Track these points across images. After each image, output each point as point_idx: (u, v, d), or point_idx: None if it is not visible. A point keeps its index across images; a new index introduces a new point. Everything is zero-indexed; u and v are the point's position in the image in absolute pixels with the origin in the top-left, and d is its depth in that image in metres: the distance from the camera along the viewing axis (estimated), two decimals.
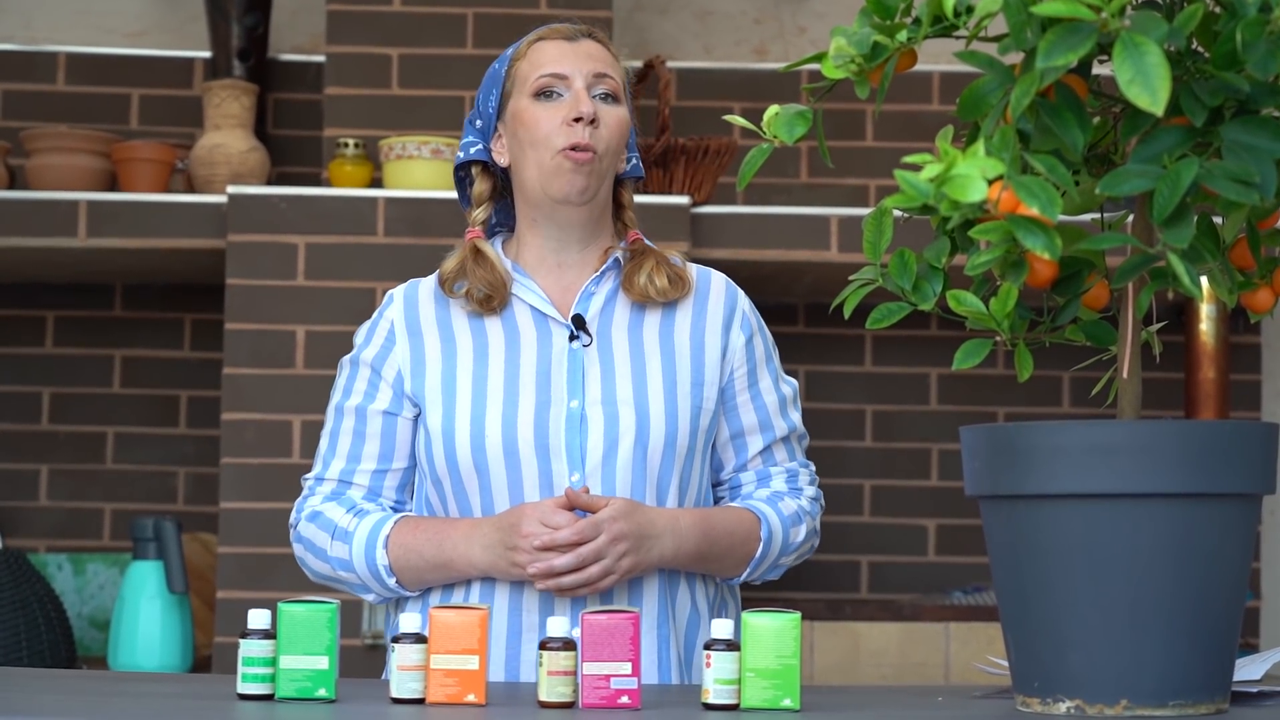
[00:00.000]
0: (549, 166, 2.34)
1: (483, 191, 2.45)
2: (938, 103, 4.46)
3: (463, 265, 2.39)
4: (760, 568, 2.39)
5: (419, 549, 2.30)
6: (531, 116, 2.36)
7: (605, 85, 2.37)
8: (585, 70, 2.36)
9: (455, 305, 2.39)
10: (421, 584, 2.33)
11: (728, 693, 1.88)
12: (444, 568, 2.30)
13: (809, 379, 4.47)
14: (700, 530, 2.31)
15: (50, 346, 4.44)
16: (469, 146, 2.44)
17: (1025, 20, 1.65)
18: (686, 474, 2.35)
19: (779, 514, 2.39)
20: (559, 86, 2.36)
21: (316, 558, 2.37)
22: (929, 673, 3.92)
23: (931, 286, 1.87)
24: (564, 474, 2.29)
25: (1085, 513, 1.76)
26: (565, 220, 2.39)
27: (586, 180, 2.34)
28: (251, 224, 3.82)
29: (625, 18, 4.54)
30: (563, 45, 2.38)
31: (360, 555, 2.32)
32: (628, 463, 2.30)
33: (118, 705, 1.94)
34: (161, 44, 4.49)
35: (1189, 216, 1.69)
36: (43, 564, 4.28)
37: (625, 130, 2.39)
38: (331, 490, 2.39)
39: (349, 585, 2.37)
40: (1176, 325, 4.24)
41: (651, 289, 2.37)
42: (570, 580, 2.21)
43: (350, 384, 2.41)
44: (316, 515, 2.37)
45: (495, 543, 2.25)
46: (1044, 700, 1.81)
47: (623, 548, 2.23)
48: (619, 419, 2.31)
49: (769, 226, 3.94)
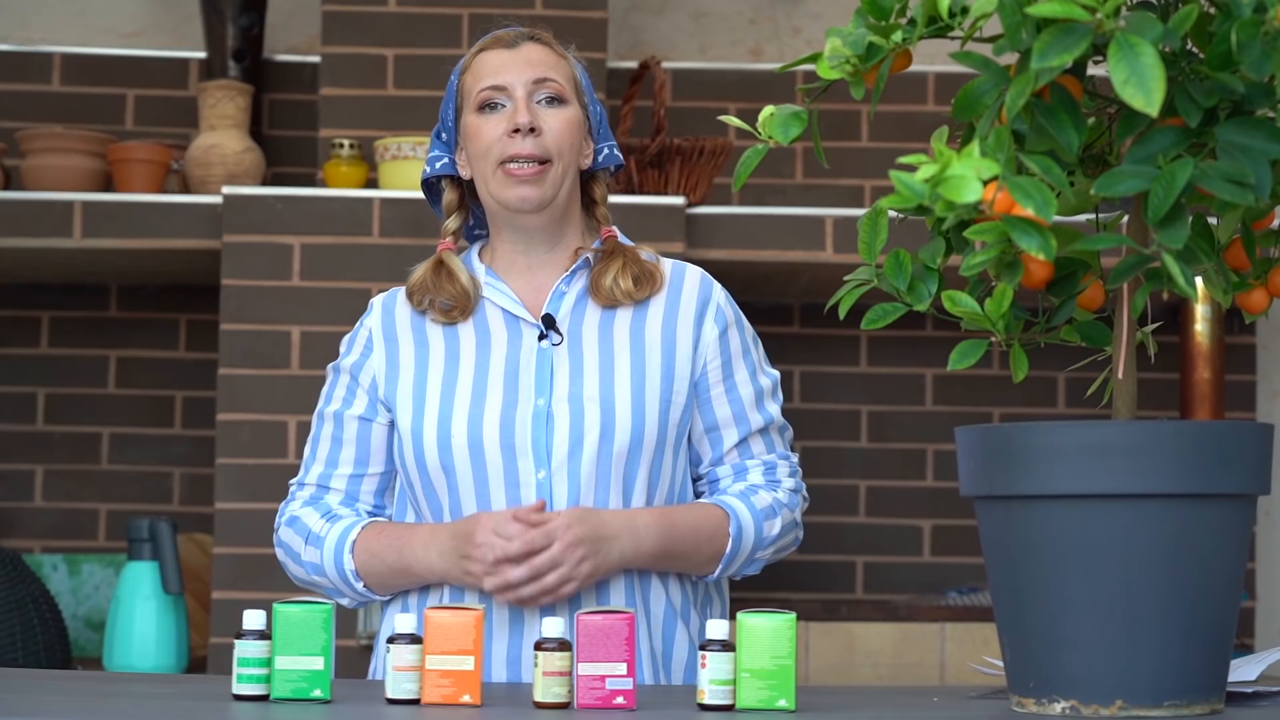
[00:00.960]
0: (494, 180, 2.36)
1: (451, 201, 2.47)
2: (933, 103, 4.46)
3: (425, 278, 2.41)
4: (734, 564, 2.38)
5: (381, 555, 2.33)
6: (475, 130, 2.38)
7: (548, 89, 2.37)
8: (525, 78, 2.37)
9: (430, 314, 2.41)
10: (388, 589, 2.36)
11: (723, 693, 1.88)
12: (405, 573, 2.32)
13: (804, 379, 4.47)
14: (660, 529, 2.30)
15: (45, 347, 4.43)
16: (435, 161, 2.46)
17: (1020, 21, 1.65)
18: (656, 470, 2.34)
19: (750, 508, 2.37)
20: (500, 98, 2.37)
21: (294, 562, 2.41)
22: (924, 673, 3.93)
23: (927, 287, 1.87)
24: (530, 472, 2.30)
25: (1080, 513, 1.76)
26: (527, 226, 2.40)
27: (536, 190, 2.35)
28: (247, 224, 3.82)
29: (620, 18, 4.54)
30: (503, 54, 2.39)
31: (330, 560, 2.35)
32: (593, 459, 2.30)
33: (113, 706, 1.94)
34: (157, 44, 4.49)
35: (1184, 217, 1.70)
36: (38, 564, 4.27)
37: (574, 128, 2.38)
38: (310, 495, 2.43)
39: (324, 590, 2.40)
40: (1171, 326, 4.25)
41: (617, 291, 2.37)
42: (529, 591, 2.22)
43: (331, 390, 2.45)
44: (294, 520, 2.41)
45: (450, 550, 2.26)
46: (1039, 700, 1.81)
47: (580, 553, 2.22)
48: (584, 415, 2.31)
49: (764, 227, 3.94)
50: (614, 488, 2.31)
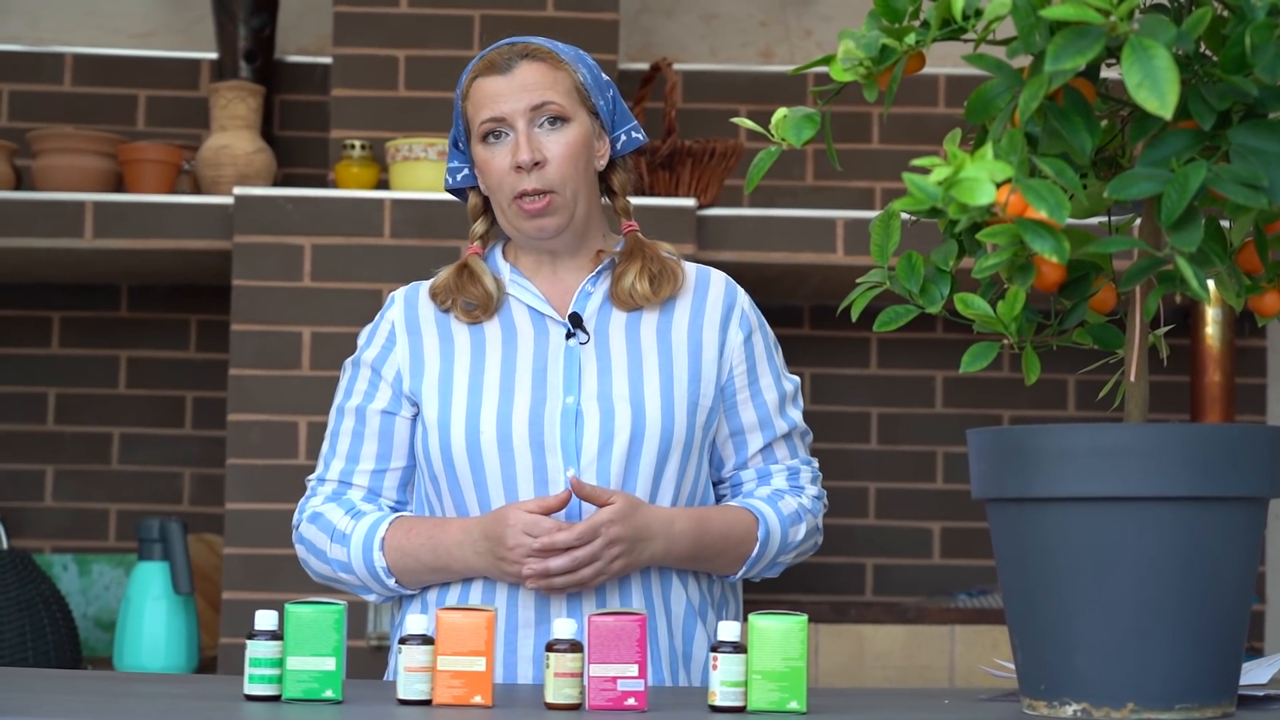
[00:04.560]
0: (510, 212, 2.36)
1: (476, 205, 2.46)
2: (944, 106, 4.46)
3: (449, 281, 2.41)
4: (757, 566, 2.40)
5: (415, 554, 2.32)
6: (484, 162, 2.37)
7: (548, 111, 2.35)
8: (523, 105, 2.34)
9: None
10: (421, 584, 2.36)
11: (734, 695, 1.88)
12: (443, 571, 2.33)
13: (814, 381, 4.47)
14: (694, 534, 2.32)
15: (56, 347, 4.44)
16: (455, 172, 2.45)
17: (1034, 23, 1.65)
18: (683, 470, 2.35)
19: (778, 513, 2.39)
20: (501, 128, 2.35)
21: (317, 559, 2.39)
22: (934, 675, 3.92)
23: (939, 289, 1.87)
24: (559, 469, 2.30)
25: (1091, 516, 1.76)
26: (545, 245, 2.40)
27: (551, 220, 2.35)
28: (257, 225, 3.83)
29: (631, 20, 4.54)
30: (498, 81, 2.35)
31: (359, 558, 2.34)
32: (623, 458, 2.31)
33: (123, 706, 1.94)
34: (168, 45, 4.50)
35: (1197, 220, 1.69)
36: (48, 564, 4.28)
37: (581, 149, 2.36)
38: (332, 491, 2.41)
39: (350, 586, 2.39)
40: (1182, 329, 4.24)
41: (635, 295, 2.38)
42: (562, 581, 2.23)
43: (351, 385, 2.43)
44: (317, 517, 2.39)
45: (485, 551, 2.27)
46: (1050, 703, 1.81)
47: (616, 550, 2.24)
48: (615, 414, 2.32)
49: (775, 229, 3.94)
50: (641, 487, 2.31)
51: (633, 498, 2.27)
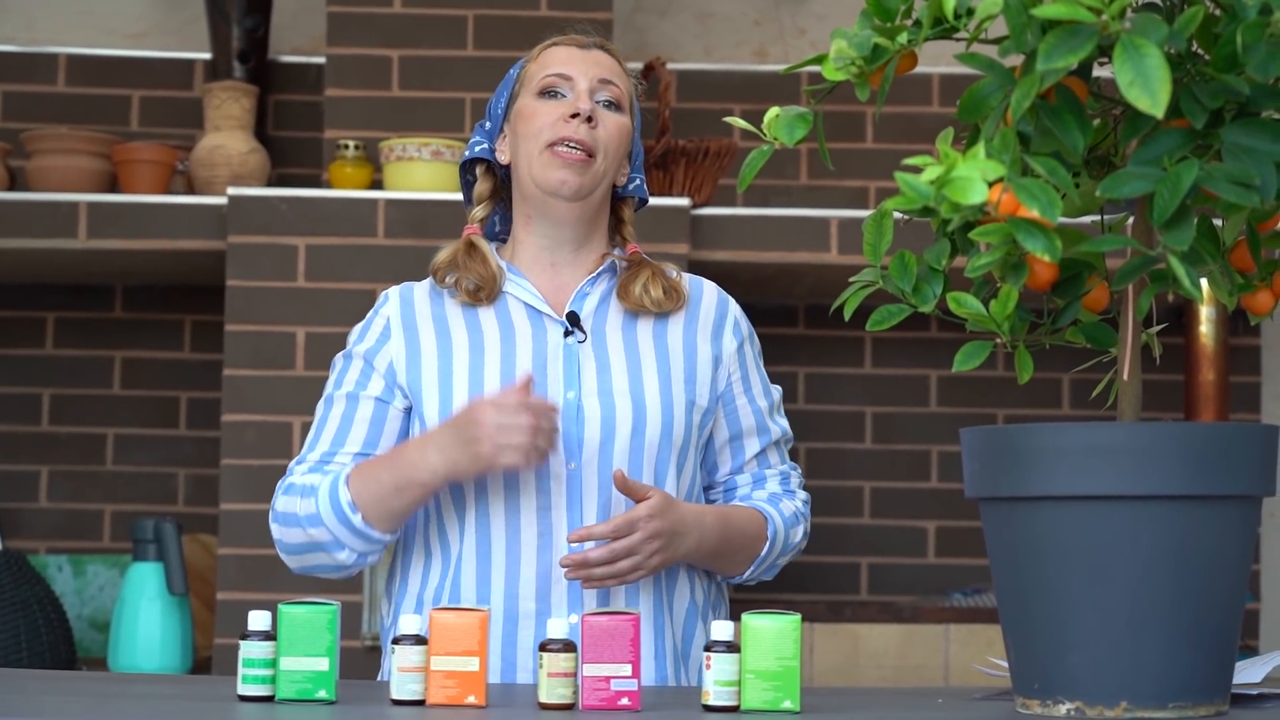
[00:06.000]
0: (538, 161, 2.37)
1: (484, 190, 2.48)
2: (937, 105, 4.47)
3: (455, 258, 2.41)
4: (762, 566, 2.42)
5: (377, 476, 2.27)
6: (531, 111, 2.39)
7: (609, 92, 2.41)
8: (591, 74, 2.41)
9: (449, 302, 2.41)
10: (389, 515, 2.29)
11: (728, 694, 1.88)
12: (406, 487, 2.26)
13: (809, 381, 4.47)
14: (720, 530, 2.34)
15: (50, 348, 4.44)
16: (475, 145, 2.47)
17: (1026, 22, 1.65)
18: (681, 467, 2.36)
19: (780, 515, 2.42)
20: (563, 86, 2.40)
21: (290, 526, 2.33)
22: (929, 675, 3.93)
23: (932, 288, 1.88)
24: (560, 463, 2.30)
25: (1085, 514, 1.76)
26: (558, 217, 2.40)
27: (577, 178, 2.36)
28: (252, 225, 3.82)
29: (625, 19, 4.54)
30: (573, 50, 2.44)
31: (325, 500, 2.29)
32: (624, 453, 2.32)
33: (117, 707, 1.94)
34: (162, 45, 4.50)
35: (1189, 219, 1.69)
36: (43, 565, 4.28)
37: (625, 137, 2.42)
38: (309, 469, 2.36)
39: (323, 546, 2.31)
40: (1176, 327, 4.25)
41: (646, 299, 2.39)
42: (601, 573, 2.23)
43: (342, 376, 2.41)
44: (290, 487, 2.35)
45: (451, 442, 2.23)
46: (1044, 702, 1.81)
47: (655, 545, 2.24)
48: (615, 409, 2.32)
49: (769, 228, 3.94)
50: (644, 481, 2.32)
51: (667, 494, 2.28)
